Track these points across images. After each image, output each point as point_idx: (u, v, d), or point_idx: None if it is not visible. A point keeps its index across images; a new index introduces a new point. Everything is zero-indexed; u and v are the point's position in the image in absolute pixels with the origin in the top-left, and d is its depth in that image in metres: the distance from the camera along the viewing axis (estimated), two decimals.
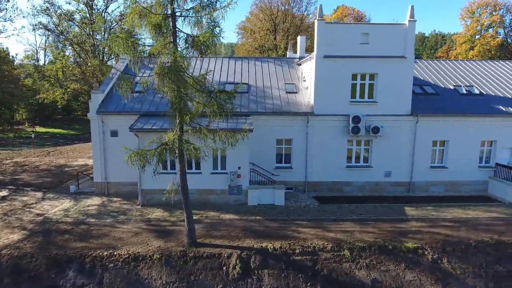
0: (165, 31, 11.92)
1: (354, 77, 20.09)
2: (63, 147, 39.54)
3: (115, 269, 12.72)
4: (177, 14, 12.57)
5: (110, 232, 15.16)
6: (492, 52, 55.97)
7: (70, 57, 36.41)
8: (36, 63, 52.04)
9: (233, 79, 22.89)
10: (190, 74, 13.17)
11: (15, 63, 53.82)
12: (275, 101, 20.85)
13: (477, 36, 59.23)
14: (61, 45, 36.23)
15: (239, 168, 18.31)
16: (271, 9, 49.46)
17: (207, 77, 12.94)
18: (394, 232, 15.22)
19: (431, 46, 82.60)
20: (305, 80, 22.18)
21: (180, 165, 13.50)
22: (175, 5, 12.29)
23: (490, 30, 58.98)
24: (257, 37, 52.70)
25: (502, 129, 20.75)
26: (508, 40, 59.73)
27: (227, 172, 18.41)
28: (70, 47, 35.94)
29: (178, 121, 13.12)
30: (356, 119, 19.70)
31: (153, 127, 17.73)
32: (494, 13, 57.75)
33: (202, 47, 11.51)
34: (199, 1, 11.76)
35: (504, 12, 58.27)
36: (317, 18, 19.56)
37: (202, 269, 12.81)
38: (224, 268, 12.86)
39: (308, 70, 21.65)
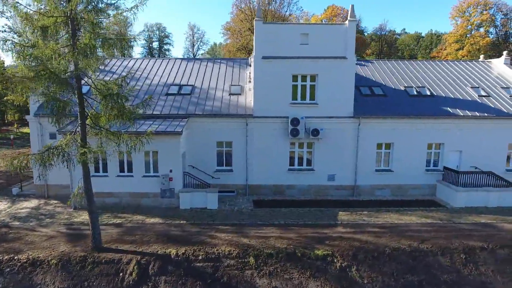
0: (54, 34, 11.72)
1: (294, 78, 19.66)
2: None
3: (10, 274, 12.56)
4: (79, 17, 12.41)
5: (26, 236, 15.03)
6: (482, 52, 54.62)
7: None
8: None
9: (180, 81, 22.64)
10: (94, 76, 13.12)
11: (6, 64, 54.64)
12: (216, 103, 20.54)
13: (468, 36, 57.94)
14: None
15: (170, 171, 18.06)
16: (250, 9, 49.16)
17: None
18: (313, 238, 14.78)
19: (426, 46, 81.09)
20: (250, 82, 21.83)
21: (83, 168, 13.26)
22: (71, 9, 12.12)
23: (481, 29, 57.70)
24: (239, 37, 52.48)
25: (449, 132, 20.09)
26: (500, 39, 58.31)
27: (159, 175, 18.16)
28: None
29: (80, 123, 13.03)
30: (295, 121, 19.28)
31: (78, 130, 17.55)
32: (484, 12, 56.47)
33: (87, 49, 11.25)
34: (83, 6, 11.53)
35: (495, 11, 56.97)
36: (256, 18, 19.19)
37: (98, 275, 12.57)
38: (121, 274, 12.60)
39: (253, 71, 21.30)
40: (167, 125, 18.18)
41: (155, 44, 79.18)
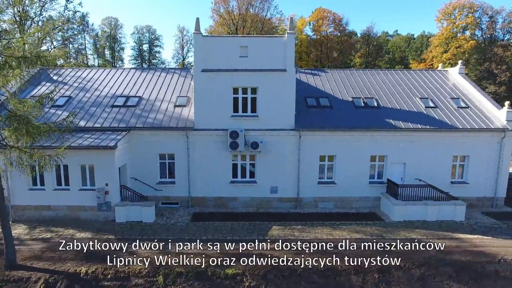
0: None
1: (235, 91, 19.63)
2: None
3: None
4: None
5: None
6: (466, 55, 54.08)
7: None
8: None
9: (128, 92, 22.70)
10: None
11: None
12: (159, 115, 20.57)
13: (453, 38, 57.38)
14: None
15: (106, 184, 18.13)
16: (229, 12, 49.16)
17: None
18: (233, 255, 14.72)
19: (416, 48, 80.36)
20: None
21: None
22: None
23: (467, 32, 57.16)
24: None
25: (392, 144, 19.94)
26: (486, 41, 57.66)
27: (95, 189, 18.24)
28: None
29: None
30: (234, 134, 19.25)
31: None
32: (469, 15, 55.92)
33: None
34: None
35: (481, 13, 56.29)
36: (194, 31, 19.18)
37: None
38: None
39: None
40: (103, 139, 18.27)
41: (145, 47, 79.44)
